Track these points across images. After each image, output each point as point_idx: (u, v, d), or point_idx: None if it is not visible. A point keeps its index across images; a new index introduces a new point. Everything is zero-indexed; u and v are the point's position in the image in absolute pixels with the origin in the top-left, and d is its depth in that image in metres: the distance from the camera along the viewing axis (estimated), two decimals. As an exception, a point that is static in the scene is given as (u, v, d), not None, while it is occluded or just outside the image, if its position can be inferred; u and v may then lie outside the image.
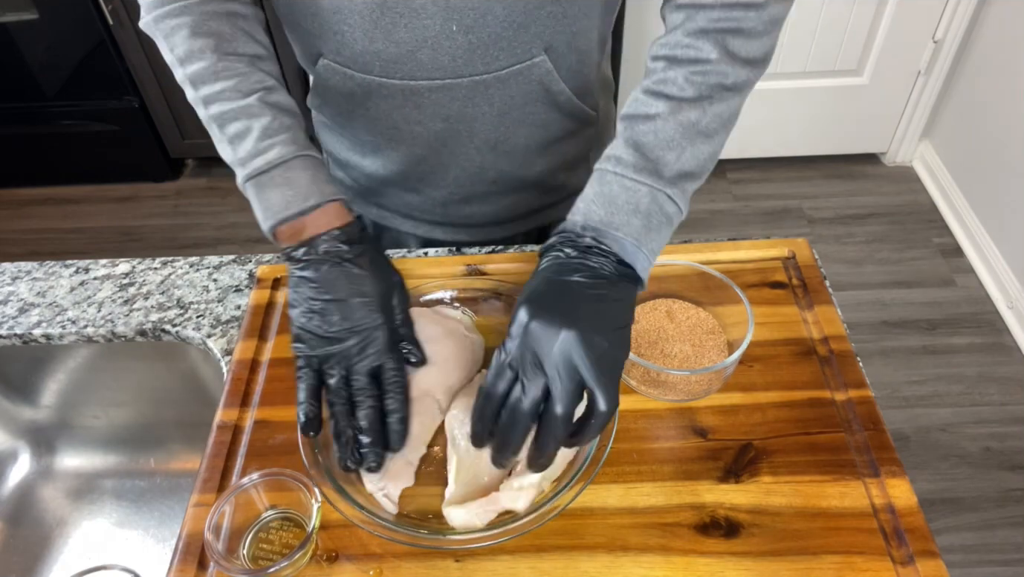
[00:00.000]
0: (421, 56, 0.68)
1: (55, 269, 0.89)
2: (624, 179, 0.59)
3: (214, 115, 0.65)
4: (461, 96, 0.72)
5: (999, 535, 1.56)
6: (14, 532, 0.89)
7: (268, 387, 0.73)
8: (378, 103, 0.74)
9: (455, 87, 0.71)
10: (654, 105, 0.60)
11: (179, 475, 0.93)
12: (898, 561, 0.58)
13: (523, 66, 0.70)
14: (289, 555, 0.57)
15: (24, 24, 2.13)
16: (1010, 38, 1.97)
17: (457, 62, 0.69)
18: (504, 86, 0.71)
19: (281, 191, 0.63)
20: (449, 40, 0.67)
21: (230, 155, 0.65)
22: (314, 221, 0.63)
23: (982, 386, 1.82)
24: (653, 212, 0.59)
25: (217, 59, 0.65)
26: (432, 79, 0.70)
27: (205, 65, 0.65)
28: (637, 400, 0.70)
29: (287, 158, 0.63)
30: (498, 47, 0.68)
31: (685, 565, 0.59)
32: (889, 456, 0.64)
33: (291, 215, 0.62)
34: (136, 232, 2.41)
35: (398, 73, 0.70)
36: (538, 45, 0.69)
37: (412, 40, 0.67)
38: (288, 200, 0.62)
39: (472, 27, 0.66)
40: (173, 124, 2.41)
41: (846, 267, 2.14)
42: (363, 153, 0.84)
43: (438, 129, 0.76)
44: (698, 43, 0.60)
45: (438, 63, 0.69)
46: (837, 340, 0.73)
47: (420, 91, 0.71)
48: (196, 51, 0.65)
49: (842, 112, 2.35)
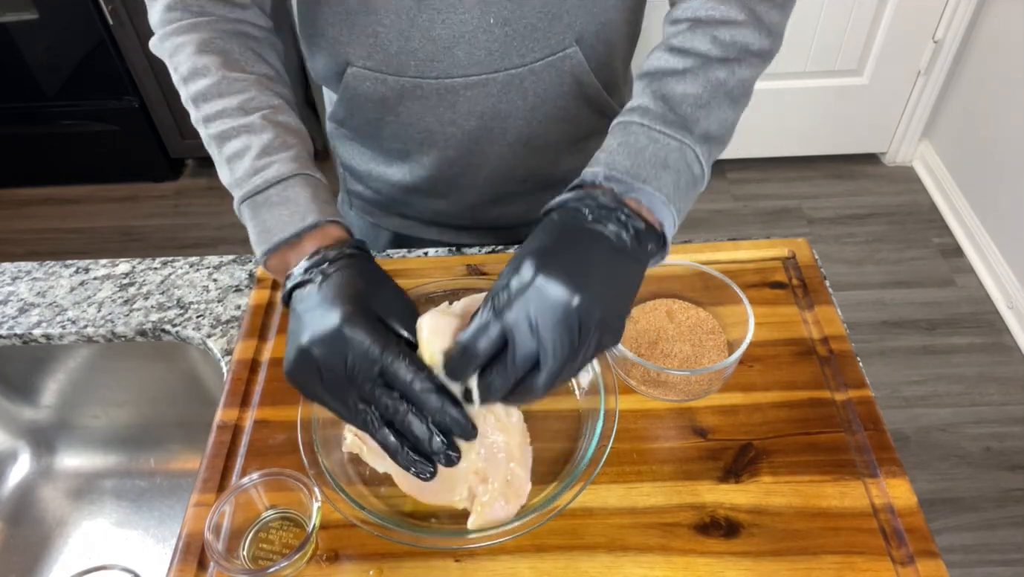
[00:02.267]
0: (458, 52, 0.68)
1: (55, 269, 0.89)
2: (652, 130, 0.54)
3: (214, 134, 0.61)
4: (496, 92, 0.72)
5: (999, 535, 1.56)
6: (14, 532, 0.89)
7: (268, 387, 0.73)
8: (411, 106, 0.74)
9: (490, 82, 0.71)
10: (681, 61, 0.57)
11: (179, 475, 0.93)
12: (898, 561, 0.58)
13: (555, 58, 0.71)
14: (289, 555, 0.57)
15: (24, 24, 2.13)
16: (1010, 38, 1.97)
17: (493, 56, 0.69)
18: (538, 79, 0.72)
19: (278, 211, 0.57)
20: (486, 33, 0.67)
21: (227, 177, 0.60)
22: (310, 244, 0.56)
23: (982, 386, 1.82)
24: (682, 169, 0.54)
25: (221, 77, 0.61)
26: (468, 75, 0.70)
27: (209, 83, 0.61)
28: (637, 400, 0.70)
29: (285, 176, 0.58)
30: (533, 38, 0.69)
31: (685, 565, 0.59)
32: (889, 456, 0.64)
33: (287, 236, 0.56)
34: (136, 232, 2.41)
35: (433, 72, 0.70)
36: (570, 36, 0.70)
37: (449, 36, 0.67)
38: (284, 221, 0.56)
39: (509, 19, 0.66)
40: (173, 124, 2.41)
41: (846, 267, 2.14)
42: (388, 162, 0.84)
43: (472, 128, 0.75)
44: (723, 6, 0.58)
45: (474, 58, 0.69)
46: (837, 340, 0.73)
47: (455, 89, 0.71)
48: (200, 68, 0.61)
49: (842, 112, 2.35)
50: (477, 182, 0.83)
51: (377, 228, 0.95)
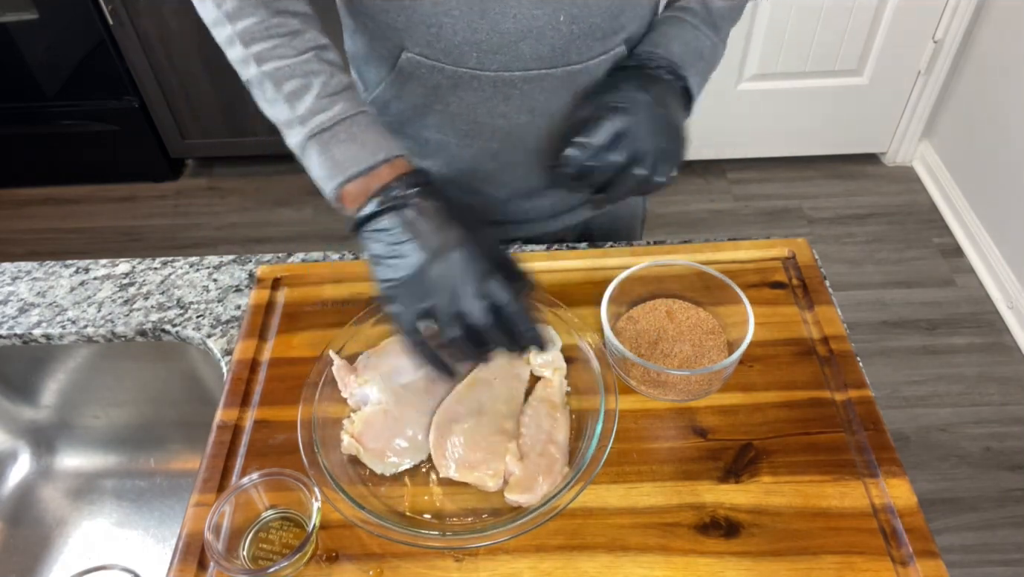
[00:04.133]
0: (523, 46, 0.69)
1: (55, 269, 0.89)
2: (697, 29, 0.73)
3: (268, 72, 0.63)
4: (550, 87, 0.73)
5: (999, 535, 1.56)
6: (14, 532, 0.89)
7: (268, 387, 0.73)
8: (464, 96, 0.73)
9: (548, 78, 0.72)
10: None
11: (179, 475, 0.93)
12: (898, 561, 0.58)
13: (607, 56, 0.73)
14: (289, 555, 0.57)
15: (24, 24, 2.13)
16: (1010, 38, 1.97)
17: (556, 52, 0.70)
18: (590, 77, 0.73)
19: (347, 147, 0.61)
20: (554, 30, 0.68)
21: (286, 113, 0.63)
22: (380, 176, 0.60)
23: (982, 386, 1.82)
24: (708, 59, 0.74)
25: (269, 15, 0.63)
26: (528, 70, 0.71)
27: (256, 21, 0.63)
28: (637, 400, 0.70)
29: (351, 113, 0.62)
30: (594, 37, 0.70)
31: (685, 565, 0.59)
32: (889, 456, 0.64)
33: (361, 170, 0.60)
34: (136, 232, 2.41)
35: (494, 64, 0.70)
36: (622, 35, 0.72)
37: (518, 30, 0.67)
38: (355, 155, 0.60)
39: (578, 16, 0.68)
40: (173, 124, 2.40)
41: (846, 267, 2.14)
42: (424, 154, 0.83)
43: (522, 122, 0.76)
44: None
45: (538, 53, 0.69)
46: (837, 340, 0.73)
47: (513, 82, 0.72)
48: (247, 6, 0.63)
49: (842, 112, 2.35)
50: (515, 177, 0.83)
51: None
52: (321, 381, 0.68)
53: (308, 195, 2.48)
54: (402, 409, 0.67)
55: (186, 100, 2.34)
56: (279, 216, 2.43)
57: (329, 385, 0.69)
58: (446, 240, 0.56)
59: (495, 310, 0.55)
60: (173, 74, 2.27)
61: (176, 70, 2.26)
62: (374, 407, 0.67)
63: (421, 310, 0.57)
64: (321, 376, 0.69)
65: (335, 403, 0.69)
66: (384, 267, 0.58)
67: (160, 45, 2.20)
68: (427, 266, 0.56)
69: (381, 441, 0.65)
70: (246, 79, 0.65)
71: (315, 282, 0.83)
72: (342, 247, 0.93)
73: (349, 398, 0.69)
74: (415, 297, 0.57)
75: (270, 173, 2.56)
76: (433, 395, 0.69)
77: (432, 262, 0.56)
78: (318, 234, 2.34)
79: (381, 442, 0.65)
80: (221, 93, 2.31)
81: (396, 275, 0.57)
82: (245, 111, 2.36)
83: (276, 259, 0.88)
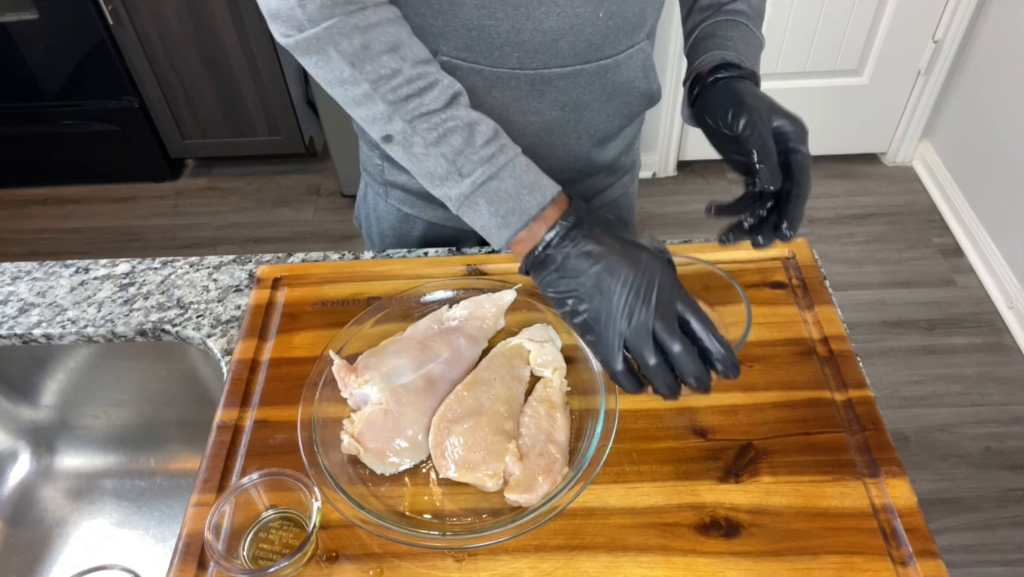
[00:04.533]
0: (562, 44, 0.69)
1: (55, 269, 0.89)
2: (751, 30, 0.75)
3: (418, 127, 0.62)
4: (583, 82, 0.74)
5: (999, 535, 1.56)
6: (14, 532, 0.89)
7: (268, 387, 0.73)
8: (499, 96, 0.73)
9: (582, 73, 0.73)
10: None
11: (179, 475, 0.93)
12: (898, 561, 0.58)
13: (633, 50, 0.74)
14: (289, 555, 0.57)
15: (24, 24, 2.13)
16: (1010, 38, 1.97)
17: (592, 48, 0.71)
18: (619, 71, 0.75)
19: (513, 192, 0.61)
20: (593, 27, 0.69)
21: (443, 166, 0.62)
22: (547, 217, 0.61)
23: (982, 386, 1.82)
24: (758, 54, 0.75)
25: (408, 67, 0.61)
26: (564, 66, 0.72)
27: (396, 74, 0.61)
28: (637, 400, 0.70)
29: (513, 158, 0.62)
30: (624, 31, 0.71)
31: (685, 565, 0.59)
32: (889, 456, 0.64)
33: (535, 213, 0.60)
34: (136, 232, 2.41)
35: (533, 63, 0.70)
36: (644, 29, 0.74)
37: (559, 28, 0.68)
38: (525, 198, 0.61)
39: (615, 12, 0.69)
40: (173, 124, 2.41)
41: (846, 267, 2.14)
42: None
43: (552, 118, 0.76)
44: None
45: (575, 49, 0.70)
46: (837, 340, 0.73)
47: (549, 79, 0.72)
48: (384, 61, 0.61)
49: (842, 112, 2.35)
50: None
51: (412, 219, 0.93)
52: (321, 381, 0.68)
53: (308, 195, 2.49)
54: (402, 409, 0.67)
55: (186, 100, 2.34)
56: (279, 216, 2.43)
57: (329, 385, 0.69)
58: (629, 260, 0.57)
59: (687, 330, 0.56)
60: (173, 74, 2.27)
61: (176, 70, 2.26)
62: (374, 407, 0.67)
63: (619, 335, 0.56)
64: (321, 376, 0.69)
65: (335, 403, 0.69)
66: (574, 299, 0.58)
67: (160, 45, 2.20)
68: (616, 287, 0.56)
69: (381, 441, 0.65)
70: (385, 135, 0.63)
71: (315, 282, 0.83)
72: (342, 247, 0.93)
73: (349, 398, 0.68)
74: (611, 323, 0.56)
75: (270, 173, 2.56)
76: (433, 395, 0.69)
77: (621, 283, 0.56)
78: (318, 234, 2.34)
79: (381, 442, 0.65)
80: (221, 93, 2.31)
81: (587, 305, 0.57)
82: (245, 111, 2.36)
83: (276, 259, 0.88)
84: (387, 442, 0.65)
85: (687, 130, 2.39)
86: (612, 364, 0.57)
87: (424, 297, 0.77)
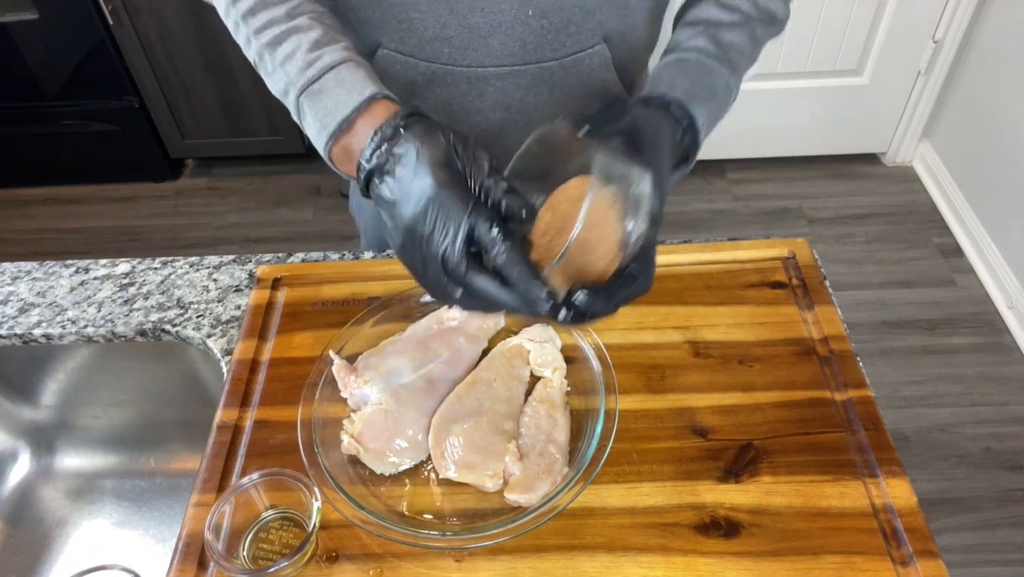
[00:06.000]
0: (492, 41, 0.69)
1: (55, 269, 0.89)
2: (708, 65, 0.65)
3: (265, 43, 0.62)
4: (524, 84, 0.73)
5: (999, 535, 1.56)
6: (14, 532, 0.89)
7: (268, 387, 0.73)
8: (439, 92, 0.74)
9: (521, 74, 0.72)
10: (729, 16, 0.68)
11: (179, 475, 0.93)
12: (898, 561, 0.58)
13: (584, 54, 0.72)
14: (289, 555, 0.57)
15: (24, 24, 2.13)
16: (1010, 38, 1.97)
17: (527, 48, 0.70)
18: (566, 74, 0.73)
19: (335, 93, 0.58)
20: (523, 25, 0.68)
21: (282, 80, 0.61)
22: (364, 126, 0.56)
23: (982, 386, 1.82)
24: (724, 101, 0.66)
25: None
26: (500, 66, 0.71)
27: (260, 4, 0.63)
28: (637, 400, 0.70)
29: (339, 62, 0.59)
30: (566, 33, 0.69)
31: (685, 565, 0.59)
32: (889, 456, 0.64)
33: (348, 113, 0.56)
34: (136, 232, 2.41)
35: (466, 60, 0.70)
36: (599, 33, 0.71)
37: (486, 24, 0.67)
38: (342, 99, 0.57)
39: (547, 11, 0.67)
40: (173, 124, 2.40)
41: (846, 267, 2.14)
42: None
43: (497, 119, 0.76)
44: None
45: (508, 49, 0.69)
46: (837, 340, 0.73)
47: (486, 78, 0.72)
48: None
49: (842, 112, 2.35)
50: None
51: None
52: (321, 381, 0.68)
53: (308, 195, 2.49)
54: (402, 409, 0.67)
55: (186, 100, 2.34)
56: (279, 216, 2.43)
57: (329, 385, 0.69)
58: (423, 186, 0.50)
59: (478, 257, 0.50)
60: (173, 74, 2.27)
61: (176, 70, 2.26)
62: (374, 407, 0.67)
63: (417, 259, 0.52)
64: (321, 376, 0.69)
65: (335, 403, 0.69)
66: (388, 215, 0.53)
67: (160, 45, 2.20)
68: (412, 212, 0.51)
69: (381, 441, 0.65)
70: (253, 61, 0.64)
71: (315, 282, 0.83)
72: (342, 247, 0.93)
73: (349, 398, 0.69)
74: (411, 246, 0.51)
75: (270, 173, 2.56)
76: (433, 395, 0.69)
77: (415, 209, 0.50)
78: (318, 234, 2.34)
79: (381, 442, 0.65)
80: (221, 93, 2.31)
81: (394, 223, 0.52)
82: (245, 111, 2.36)
83: (276, 259, 0.88)
84: (387, 442, 0.65)
85: (687, 130, 2.39)
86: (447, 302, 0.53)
87: (424, 297, 0.77)
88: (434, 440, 0.65)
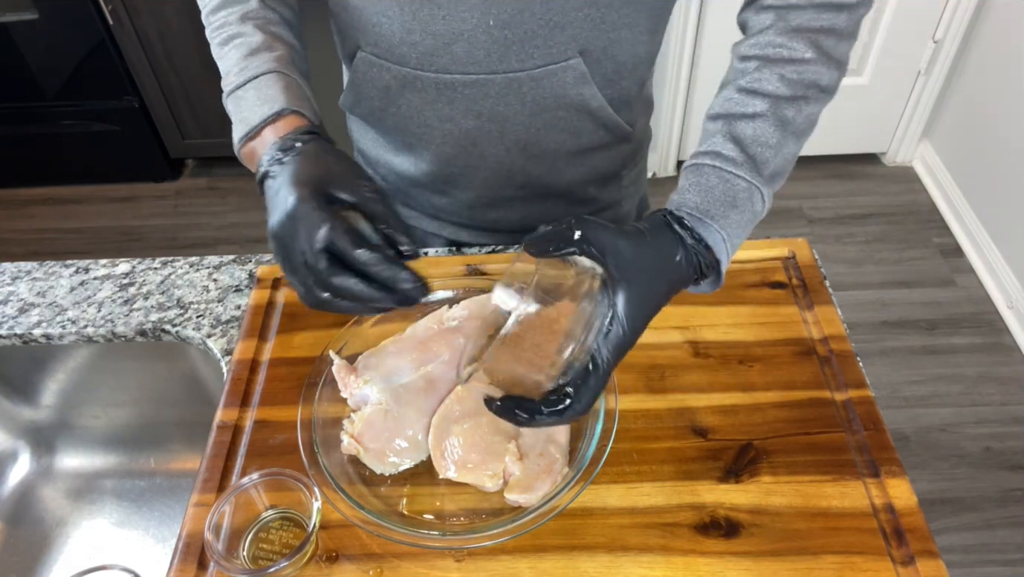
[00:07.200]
0: (456, 49, 0.69)
1: (55, 269, 0.89)
2: (723, 172, 0.58)
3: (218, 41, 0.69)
4: (494, 93, 0.72)
5: (999, 535, 1.56)
6: (14, 532, 0.89)
7: (268, 387, 0.73)
8: (411, 98, 0.74)
9: (488, 83, 0.71)
10: (752, 104, 0.60)
11: (179, 475, 0.93)
12: (898, 561, 0.58)
13: (557, 67, 0.70)
14: (289, 555, 0.57)
15: (24, 24, 2.13)
16: (1010, 38, 1.97)
17: (492, 57, 0.69)
18: (538, 85, 0.72)
19: (251, 102, 0.64)
20: (485, 34, 0.68)
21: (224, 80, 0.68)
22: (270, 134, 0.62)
23: (982, 386, 1.82)
24: (747, 208, 0.58)
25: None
26: (466, 73, 0.71)
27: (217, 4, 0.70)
28: (637, 400, 0.70)
29: (264, 72, 0.65)
30: (533, 44, 0.69)
31: (685, 565, 0.59)
32: (889, 456, 0.64)
33: (256, 124, 0.62)
34: (136, 232, 2.41)
35: (433, 66, 0.71)
36: (573, 47, 0.69)
37: (448, 32, 0.68)
38: (255, 109, 0.63)
39: (509, 23, 0.67)
40: (173, 124, 2.40)
41: (846, 267, 2.14)
42: (396, 151, 0.84)
43: (469, 127, 0.76)
44: (792, 43, 0.61)
45: (473, 57, 0.69)
46: (837, 340, 0.73)
47: (454, 86, 0.72)
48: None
49: (842, 112, 2.34)
50: (475, 183, 0.83)
51: None
52: (321, 381, 0.68)
53: (308, 195, 2.49)
54: (402, 409, 0.67)
55: (186, 100, 2.34)
56: (279, 216, 2.43)
57: (329, 385, 0.69)
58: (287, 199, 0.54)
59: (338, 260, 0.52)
60: (173, 74, 2.27)
61: (176, 70, 2.26)
62: (374, 407, 0.67)
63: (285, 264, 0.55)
64: (321, 376, 0.69)
65: (335, 403, 0.69)
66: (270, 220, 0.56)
67: (160, 45, 2.20)
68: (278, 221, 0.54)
69: (381, 441, 0.65)
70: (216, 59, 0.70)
71: (315, 282, 0.83)
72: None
73: (349, 398, 0.68)
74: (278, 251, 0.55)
75: (270, 173, 2.56)
76: (433, 395, 0.69)
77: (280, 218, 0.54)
78: (318, 234, 2.34)
79: (381, 442, 0.65)
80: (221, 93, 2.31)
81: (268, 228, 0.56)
82: (245, 111, 2.36)
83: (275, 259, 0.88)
84: (387, 442, 0.65)
85: (687, 130, 2.39)
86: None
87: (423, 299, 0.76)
88: (434, 440, 0.65)
